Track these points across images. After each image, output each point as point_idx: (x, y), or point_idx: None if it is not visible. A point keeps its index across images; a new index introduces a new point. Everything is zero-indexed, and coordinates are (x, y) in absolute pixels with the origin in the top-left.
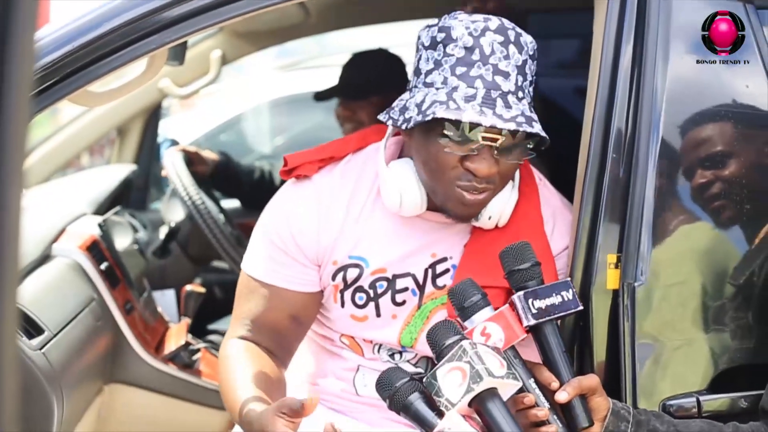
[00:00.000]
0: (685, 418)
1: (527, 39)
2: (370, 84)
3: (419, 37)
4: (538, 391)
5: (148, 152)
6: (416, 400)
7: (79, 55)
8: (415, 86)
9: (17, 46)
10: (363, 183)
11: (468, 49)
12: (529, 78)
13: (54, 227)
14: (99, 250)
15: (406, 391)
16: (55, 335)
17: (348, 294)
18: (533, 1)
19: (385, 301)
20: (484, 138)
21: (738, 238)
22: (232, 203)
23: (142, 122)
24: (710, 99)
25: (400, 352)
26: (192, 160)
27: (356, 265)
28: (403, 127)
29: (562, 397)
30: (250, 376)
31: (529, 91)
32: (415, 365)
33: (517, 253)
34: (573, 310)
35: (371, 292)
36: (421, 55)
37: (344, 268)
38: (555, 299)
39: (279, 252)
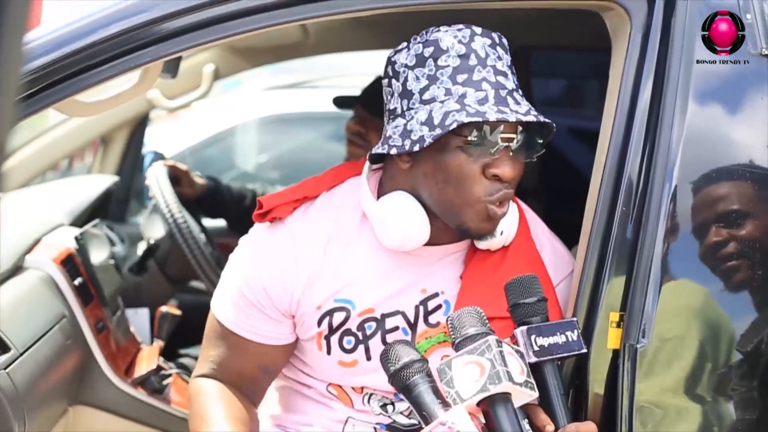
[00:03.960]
0: None
1: (505, 40)
2: None
3: (394, 63)
4: None
5: (132, 164)
6: (422, 382)
7: (69, 62)
8: (410, 108)
9: (5, 47)
10: (342, 221)
11: (462, 57)
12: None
13: (29, 237)
14: (74, 264)
15: (413, 370)
16: (21, 354)
17: (335, 339)
18: (544, 37)
19: (375, 342)
20: (502, 139)
21: (747, 305)
22: (214, 222)
23: (128, 133)
24: (729, 153)
25: (393, 403)
26: (180, 180)
27: (342, 309)
28: (415, 149)
29: None
30: (228, 417)
31: None
32: (408, 416)
33: (524, 286)
34: (576, 352)
35: (360, 334)
36: (407, 76)
37: (330, 313)
38: (559, 338)
39: (249, 305)
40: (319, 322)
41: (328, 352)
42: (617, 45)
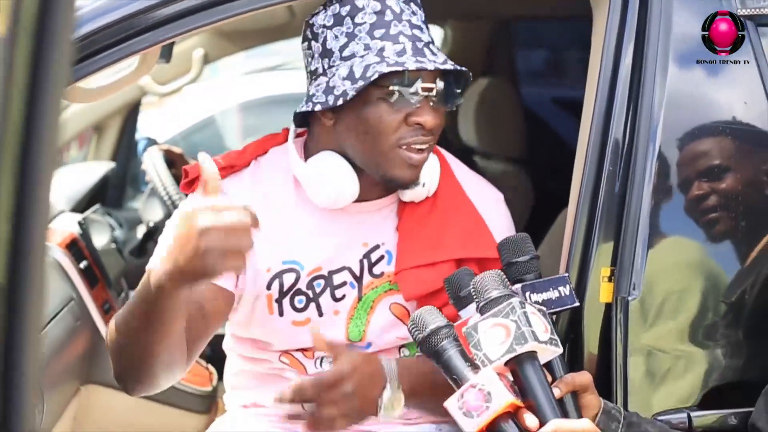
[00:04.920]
0: None
1: None
2: None
3: (312, 25)
4: None
5: (126, 150)
6: (450, 347)
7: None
8: (331, 66)
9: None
10: (275, 188)
11: (378, 13)
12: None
13: None
14: (78, 248)
15: (441, 336)
16: None
17: (286, 301)
18: (526, 7)
19: (325, 299)
20: (423, 89)
21: (732, 255)
22: None
23: (121, 119)
24: (709, 112)
25: None
26: (175, 163)
27: (292, 270)
28: (339, 102)
29: (554, 393)
30: None
31: None
32: None
33: (516, 245)
34: (569, 306)
35: (310, 292)
36: (326, 36)
37: (279, 275)
38: (552, 294)
39: None
40: (269, 285)
41: (281, 314)
42: (598, 11)
